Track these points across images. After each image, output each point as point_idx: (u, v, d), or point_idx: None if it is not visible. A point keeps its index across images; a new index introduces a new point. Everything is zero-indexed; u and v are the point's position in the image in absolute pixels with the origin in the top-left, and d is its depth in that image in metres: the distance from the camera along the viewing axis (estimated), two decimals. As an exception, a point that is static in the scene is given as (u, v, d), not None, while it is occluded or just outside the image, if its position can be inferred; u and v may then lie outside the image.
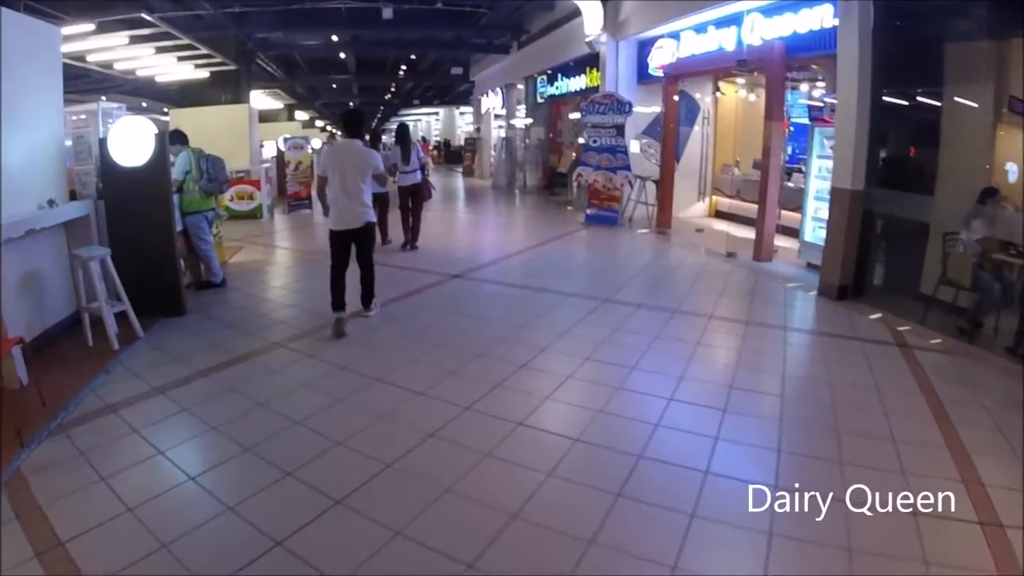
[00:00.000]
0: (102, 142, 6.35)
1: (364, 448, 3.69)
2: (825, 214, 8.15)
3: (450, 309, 6.57)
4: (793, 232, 9.51)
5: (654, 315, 6.32)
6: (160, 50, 13.22)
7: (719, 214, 13.27)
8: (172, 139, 7.59)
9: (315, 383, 4.65)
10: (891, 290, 7.04)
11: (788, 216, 9.80)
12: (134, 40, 12.15)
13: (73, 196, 6.41)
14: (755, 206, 10.56)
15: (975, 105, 6.51)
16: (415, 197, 10.16)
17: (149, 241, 6.39)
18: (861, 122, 6.94)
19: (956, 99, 6.67)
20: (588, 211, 12.60)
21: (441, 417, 4.03)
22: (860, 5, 6.80)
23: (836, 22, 7.88)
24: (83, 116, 7.02)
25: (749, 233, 9.95)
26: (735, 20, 9.91)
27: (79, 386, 4.68)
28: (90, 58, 13.07)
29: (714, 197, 13.45)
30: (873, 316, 6.48)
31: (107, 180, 6.41)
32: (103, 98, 25.78)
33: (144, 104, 28.18)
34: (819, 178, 8.51)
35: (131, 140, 6.28)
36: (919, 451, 3.68)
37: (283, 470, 3.47)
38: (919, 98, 7.14)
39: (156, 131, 6.36)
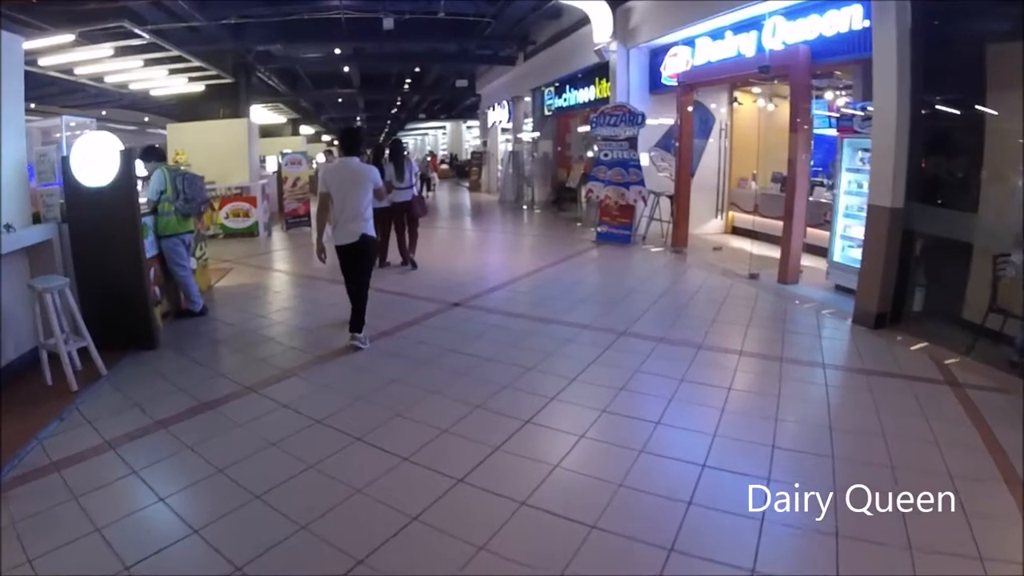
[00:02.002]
0: (64, 160, 5.79)
1: (333, 535, 3.01)
2: (855, 232, 7.64)
3: (448, 346, 5.84)
4: (816, 250, 8.86)
5: (677, 352, 5.62)
6: (149, 62, 12.66)
7: (735, 230, 12.60)
8: (146, 155, 7.08)
9: (286, 442, 3.97)
10: (932, 316, 6.40)
11: (811, 233, 9.12)
12: (120, 52, 11.59)
13: (37, 219, 5.86)
14: (775, 222, 9.94)
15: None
16: (410, 214, 9.71)
17: (117, 268, 5.87)
18: (901, 132, 6.30)
19: (1004, 105, 5.95)
20: (599, 229, 11.92)
21: (429, 493, 3.34)
22: (897, 4, 6.16)
23: (867, 23, 7.32)
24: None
25: (769, 251, 9.31)
26: (754, 24, 9.27)
27: (28, 435, 4.14)
28: (78, 71, 12.52)
29: (730, 213, 12.78)
30: (916, 347, 5.85)
31: (71, 201, 5.87)
32: (103, 112, 25.60)
33: (146, 119, 27.91)
34: (849, 194, 7.88)
35: (95, 158, 5.72)
36: (994, 526, 3.06)
37: (233, 564, 2.82)
38: (962, 105, 6.47)
39: (122, 148, 5.80)
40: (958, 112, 6.52)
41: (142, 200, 6.89)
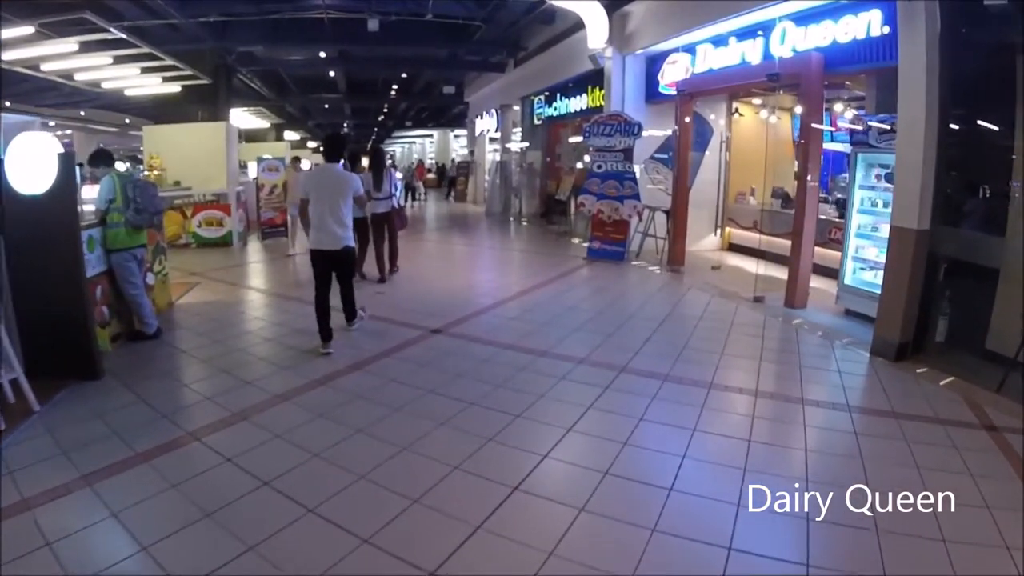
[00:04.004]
0: (-1, 163, 5.12)
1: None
2: (868, 254, 7.19)
3: (425, 384, 5.10)
4: (820, 269, 8.29)
5: (686, 393, 4.97)
6: (119, 60, 11.93)
7: (732, 247, 12.05)
8: (95, 160, 6.41)
9: (225, 511, 3.26)
10: (956, 347, 5.84)
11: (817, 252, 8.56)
12: (88, 47, 10.89)
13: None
14: (776, 240, 9.47)
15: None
16: (389, 225, 9.20)
17: (55, 287, 5.18)
18: (929, 147, 5.77)
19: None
20: (591, 245, 11.30)
21: (391, 592, 2.66)
22: (926, 5, 5.62)
23: (887, 30, 6.85)
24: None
25: (771, 271, 8.73)
26: (761, 30, 8.74)
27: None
28: (45, 67, 11.79)
29: (727, 228, 12.21)
30: (943, 383, 5.34)
31: (6, 211, 5.15)
32: (82, 113, 24.78)
33: (127, 121, 27.13)
34: (862, 212, 7.37)
35: (31, 162, 5.04)
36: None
37: None
38: (989, 119, 5.99)
39: (61, 151, 5.12)
40: (985, 127, 6.05)
41: (89, 208, 6.26)
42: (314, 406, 4.66)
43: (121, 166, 14.03)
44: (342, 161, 6.49)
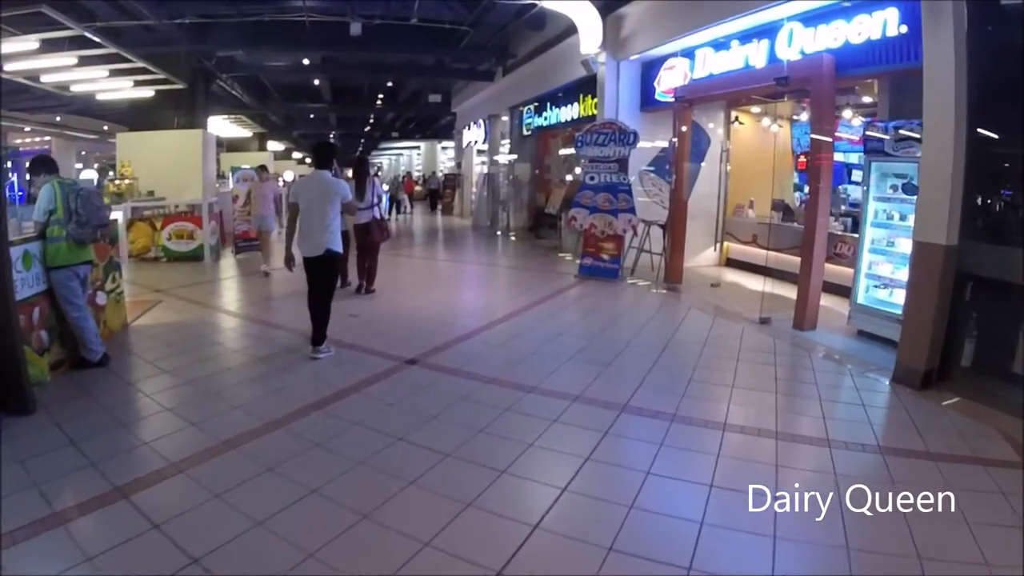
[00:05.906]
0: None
1: None
2: (882, 270, 6.74)
3: (394, 428, 4.38)
4: (826, 285, 7.69)
5: (697, 436, 4.35)
6: (86, 61, 11.21)
7: (730, 262, 11.51)
8: (35, 168, 5.77)
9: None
10: (984, 373, 5.33)
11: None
12: (55, 46, 10.23)
13: None
14: (778, 255, 8.94)
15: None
16: (369, 238, 8.79)
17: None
18: (958, 156, 5.27)
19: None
20: (583, 262, 10.68)
21: None
22: (954, 4, 5.12)
23: (903, 29, 6.39)
24: None
25: (772, 287, 8.22)
26: (766, 32, 8.26)
27: None
28: (8, 67, 11.05)
29: (725, 243, 11.66)
30: (975, 415, 4.88)
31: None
32: (57, 118, 23.97)
33: (105, 127, 26.38)
34: (876, 226, 6.86)
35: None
36: None
37: None
38: (1014, 126, 5.40)
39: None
40: (1014, 132, 5.47)
41: (28, 223, 5.64)
42: (264, 456, 3.96)
43: (93, 174, 13.39)
44: (332, 169, 6.55)
